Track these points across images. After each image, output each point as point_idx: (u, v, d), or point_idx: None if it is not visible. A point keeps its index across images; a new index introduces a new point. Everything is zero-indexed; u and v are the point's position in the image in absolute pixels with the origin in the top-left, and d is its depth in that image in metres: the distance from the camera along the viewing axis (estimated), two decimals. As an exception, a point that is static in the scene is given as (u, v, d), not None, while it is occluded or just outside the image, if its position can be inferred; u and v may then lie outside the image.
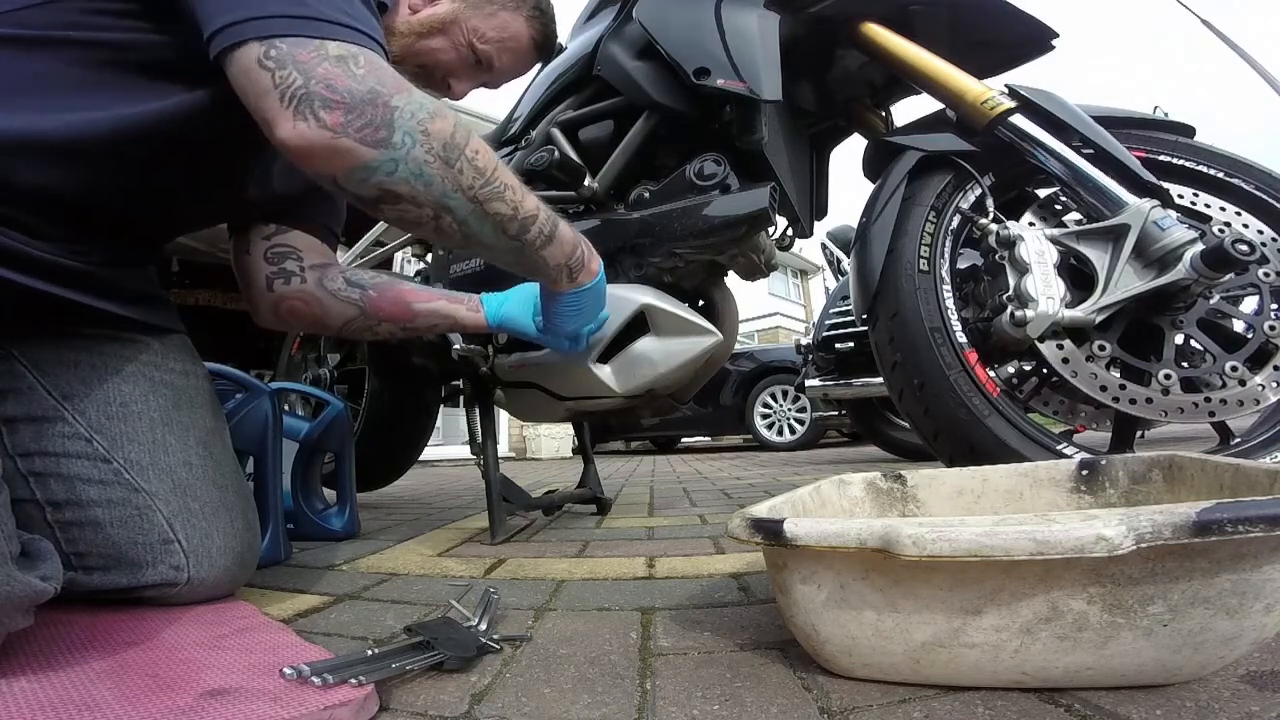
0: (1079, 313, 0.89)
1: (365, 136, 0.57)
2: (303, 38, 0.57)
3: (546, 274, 0.77)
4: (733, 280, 1.23)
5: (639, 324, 1.00)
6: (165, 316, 0.73)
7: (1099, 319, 0.89)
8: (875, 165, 1.12)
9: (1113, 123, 0.99)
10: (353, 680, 0.39)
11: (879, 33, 1.08)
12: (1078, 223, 0.97)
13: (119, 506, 0.61)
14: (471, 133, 0.64)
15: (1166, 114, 1.05)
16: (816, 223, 1.22)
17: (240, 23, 0.56)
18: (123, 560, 0.61)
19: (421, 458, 1.82)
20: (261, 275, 0.82)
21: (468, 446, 1.14)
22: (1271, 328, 0.88)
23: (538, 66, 1.33)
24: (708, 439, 7.80)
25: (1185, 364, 0.91)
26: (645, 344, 1.00)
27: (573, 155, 1.08)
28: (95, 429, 0.63)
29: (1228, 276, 0.88)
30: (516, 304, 0.92)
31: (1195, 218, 0.94)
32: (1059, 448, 0.88)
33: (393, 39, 0.82)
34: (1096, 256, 0.92)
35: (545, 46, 0.95)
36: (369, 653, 0.45)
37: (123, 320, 0.68)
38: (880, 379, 1.06)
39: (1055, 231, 0.94)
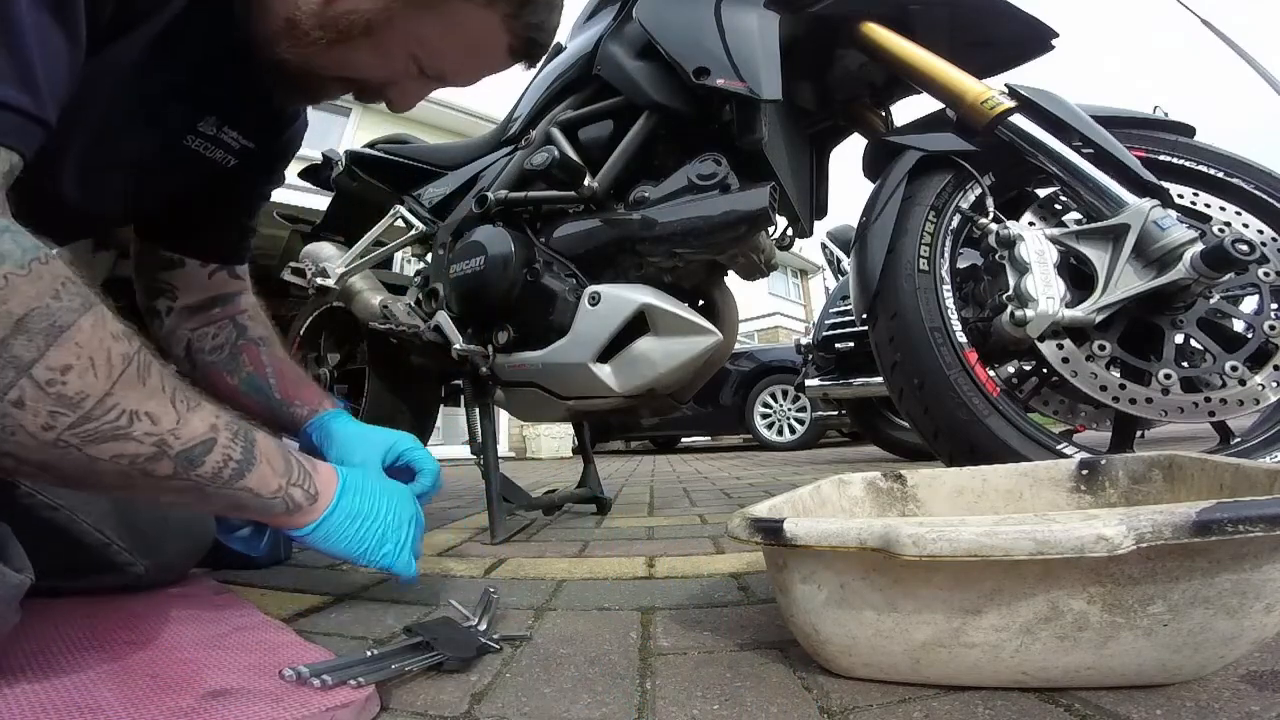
0: (1079, 312, 0.89)
1: None
2: None
3: (267, 512, 0.51)
4: (733, 280, 1.23)
5: (639, 324, 1.00)
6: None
7: (1099, 319, 0.89)
8: (875, 165, 1.12)
9: (1113, 123, 1.00)
10: (352, 682, 0.39)
11: (879, 32, 1.08)
12: (1078, 222, 0.97)
13: (43, 526, 0.58)
14: (79, 327, 0.37)
15: (1166, 114, 1.05)
16: (816, 222, 1.22)
17: None
18: (79, 568, 0.60)
19: (421, 458, 1.82)
20: (142, 303, 0.75)
21: (468, 446, 1.14)
22: (1271, 327, 0.88)
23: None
24: (708, 439, 7.80)
25: (1185, 364, 0.91)
26: (645, 344, 1.00)
27: (573, 155, 1.08)
28: None
29: (1228, 276, 0.88)
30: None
31: (1195, 217, 0.94)
32: (1059, 448, 0.88)
33: (294, 36, 0.56)
34: (1096, 256, 0.92)
35: (529, 51, 0.65)
36: (369, 653, 0.45)
37: None
38: (880, 379, 1.06)
39: (1055, 231, 0.94)
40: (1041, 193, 1.05)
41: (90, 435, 0.38)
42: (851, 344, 3.15)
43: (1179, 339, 0.91)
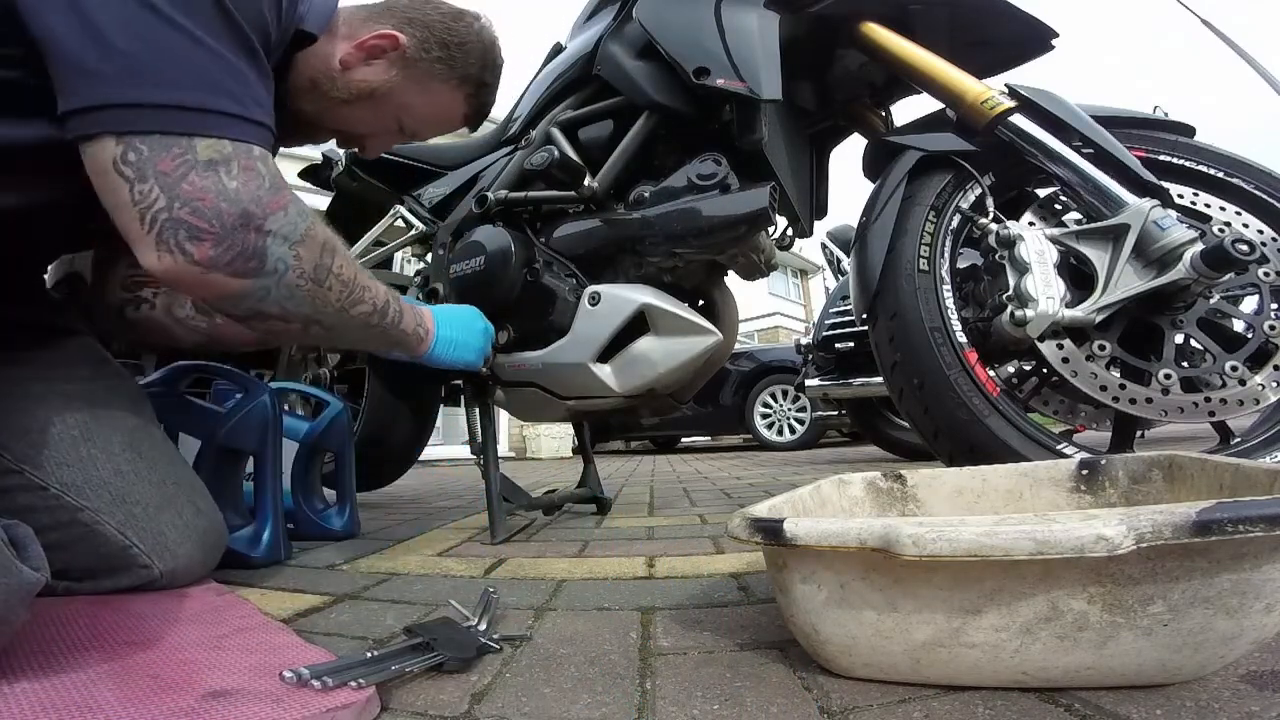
0: (1079, 312, 0.89)
1: (236, 269, 0.54)
2: (168, 135, 0.50)
3: (408, 343, 0.80)
4: (733, 280, 1.23)
5: (639, 324, 1.00)
6: (60, 318, 0.72)
7: (1099, 319, 0.89)
8: (875, 165, 1.12)
9: (1113, 123, 1.00)
10: (353, 683, 0.39)
11: (879, 32, 1.08)
12: (1078, 222, 0.97)
13: (70, 527, 0.62)
14: (336, 244, 0.64)
15: (1166, 114, 1.05)
16: (816, 222, 1.22)
17: (95, 109, 0.49)
18: (97, 570, 0.64)
19: (421, 458, 1.82)
20: (115, 301, 0.81)
21: (468, 446, 1.14)
22: (1271, 327, 0.88)
23: (536, 66, 1.34)
24: (708, 439, 7.80)
25: (1185, 364, 0.91)
26: (645, 344, 1.00)
27: (573, 155, 1.08)
28: (23, 460, 0.62)
29: (1228, 276, 0.88)
30: None
31: (1195, 217, 0.94)
32: (1059, 447, 0.88)
33: (314, 93, 0.75)
34: (1096, 256, 0.92)
35: (477, 120, 0.91)
36: (369, 654, 0.45)
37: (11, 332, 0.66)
38: (880, 379, 1.06)
39: (1055, 231, 0.94)
40: (1041, 193, 1.05)
41: (352, 301, 0.66)
42: (851, 344, 3.14)
43: (1179, 339, 0.91)
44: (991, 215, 1.00)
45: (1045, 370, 0.98)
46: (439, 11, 0.81)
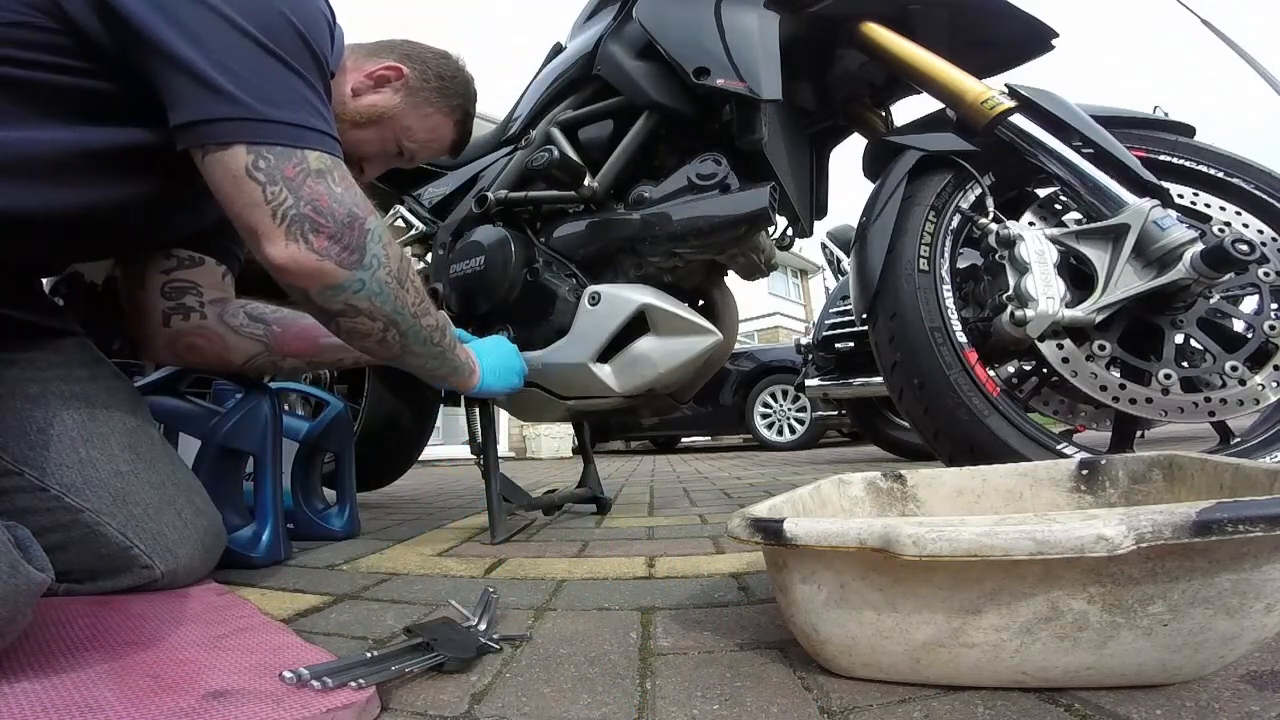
0: (1079, 312, 0.89)
1: (343, 259, 0.62)
2: (288, 147, 0.58)
3: (461, 371, 0.86)
4: (733, 280, 1.23)
5: (639, 324, 1.00)
6: (56, 319, 0.73)
7: (1099, 319, 0.89)
8: (875, 165, 1.12)
9: (1113, 123, 1.00)
10: (353, 683, 0.39)
11: (879, 32, 1.08)
12: (1078, 222, 0.97)
13: (70, 528, 0.63)
14: (408, 255, 0.73)
15: (1166, 114, 1.05)
16: (816, 222, 1.22)
17: (225, 121, 0.56)
18: (98, 571, 0.64)
19: (421, 458, 1.82)
20: (158, 311, 0.81)
21: (468, 446, 1.14)
22: (1271, 327, 0.88)
23: (538, 65, 1.35)
24: (708, 439, 7.80)
25: (1185, 364, 0.91)
26: (645, 344, 1.00)
27: (573, 155, 1.08)
28: (22, 461, 0.63)
29: (1228, 276, 0.88)
30: None
31: (1195, 217, 0.94)
32: (1059, 447, 0.88)
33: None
34: (1096, 256, 0.92)
35: (461, 145, 1.00)
36: (368, 654, 0.45)
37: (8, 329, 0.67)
38: (880, 379, 1.06)
39: (1055, 231, 0.94)
40: (1041, 193, 1.05)
41: (424, 309, 0.73)
42: (851, 344, 3.14)
43: (1179, 339, 0.91)
44: (991, 215, 1.00)
45: (1045, 370, 0.98)
46: (430, 51, 0.92)
